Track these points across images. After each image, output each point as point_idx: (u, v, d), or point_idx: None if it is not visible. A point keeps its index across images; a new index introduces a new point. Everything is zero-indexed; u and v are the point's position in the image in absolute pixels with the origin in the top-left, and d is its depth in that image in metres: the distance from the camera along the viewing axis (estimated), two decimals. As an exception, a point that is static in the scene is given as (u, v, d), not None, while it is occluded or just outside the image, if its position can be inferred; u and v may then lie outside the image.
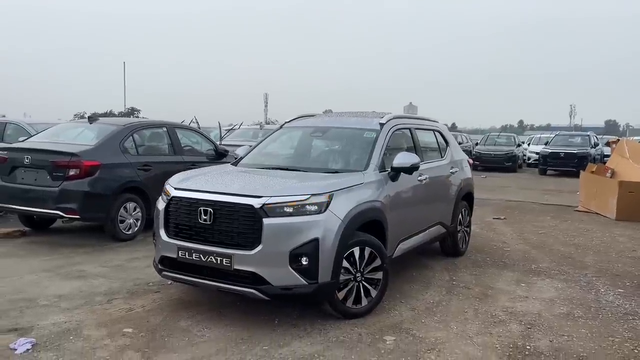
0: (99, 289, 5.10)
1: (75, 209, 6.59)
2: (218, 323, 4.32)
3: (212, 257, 4.16)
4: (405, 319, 4.50)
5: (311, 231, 4.05)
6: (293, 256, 4.02)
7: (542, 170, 20.92)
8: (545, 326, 4.43)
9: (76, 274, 5.57)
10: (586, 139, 21.64)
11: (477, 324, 4.45)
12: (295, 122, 6.08)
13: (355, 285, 4.42)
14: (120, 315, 4.44)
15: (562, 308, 4.90)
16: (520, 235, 8.38)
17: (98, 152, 6.85)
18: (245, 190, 4.23)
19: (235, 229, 4.13)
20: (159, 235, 4.54)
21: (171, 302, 4.82)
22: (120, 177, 7.00)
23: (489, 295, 5.23)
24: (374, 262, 4.52)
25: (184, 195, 4.41)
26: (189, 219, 4.33)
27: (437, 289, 5.38)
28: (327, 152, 5.55)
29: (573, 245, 7.74)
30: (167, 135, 8.02)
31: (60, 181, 6.62)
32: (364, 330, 4.22)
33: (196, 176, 4.78)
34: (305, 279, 4.05)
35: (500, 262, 6.57)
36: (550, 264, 6.54)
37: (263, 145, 5.84)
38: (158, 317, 4.43)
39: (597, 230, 9.01)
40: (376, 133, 5.27)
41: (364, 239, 4.46)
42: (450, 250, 6.65)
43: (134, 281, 5.38)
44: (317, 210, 4.13)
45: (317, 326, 4.28)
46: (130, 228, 7.14)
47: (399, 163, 4.96)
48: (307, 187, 4.25)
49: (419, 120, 6.23)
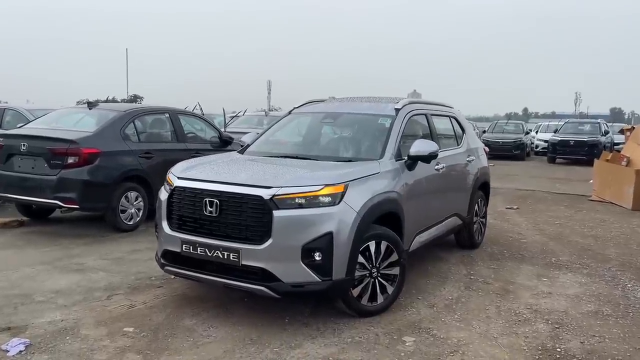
0: (99, 284, 4.83)
1: (74, 198, 6.30)
2: (225, 321, 4.05)
3: (218, 251, 3.88)
4: (424, 317, 4.22)
5: (325, 224, 3.76)
6: (305, 251, 3.74)
7: (551, 158, 20.51)
8: (574, 325, 4.14)
9: (75, 267, 5.31)
10: (596, 126, 21.18)
11: (501, 322, 4.17)
12: (305, 107, 5.75)
13: (371, 281, 4.14)
14: (120, 313, 4.17)
15: (590, 305, 4.61)
16: (535, 226, 8.08)
17: (98, 139, 6.55)
18: (254, 180, 3.93)
19: (243, 221, 3.83)
20: (161, 228, 4.26)
21: (175, 298, 4.55)
22: (121, 165, 6.70)
23: (510, 291, 4.94)
24: (390, 257, 4.23)
25: (188, 185, 4.12)
26: (194, 211, 4.04)
27: (454, 284, 5.09)
28: (339, 140, 5.23)
29: (592, 236, 7.44)
30: (169, 121, 7.70)
31: (58, 169, 6.32)
32: (381, 330, 3.94)
33: (201, 165, 4.49)
34: (318, 276, 3.76)
35: (518, 255, 6.28)
36: (571, 257, 6.25)
37: (271, 132, 5.53)
38: (161, 314, 4.16)
39: (615, 220, 8.70)
40: (391, 119, 4.95)
41: (380, 232, 4.17)
42: (466, 242, 6.36)
43: (135, 275, 5.12)
44: (331, 202, 3.83)
45: (330, 325, 4.01)
46: (131, 218, 6.86)
47: (416, 151, 4.65)
48: (320, 177, 3.95)
49: (434, 106, 5.89)
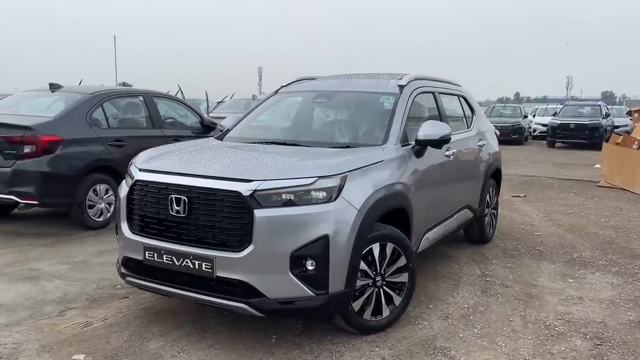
0: (52, 296, 4.09)
1: (32, 192, 5.53)
2: (199, 343, 3.33)
3: (188, 260, 3.14)
4: (438, 333, 3.52)
5: (319, 226, 3.03)
6: (295, 259, 3.02)
7: (551, 142, 19.86)
8: (617, 341, 3.46)
9: (28, 274, 4.55)
10: (597, 109, 20.49)
11: (531, 339, 3.48)
12: (293, 86, 4.97)
13: (375, 291, 3.44)
14: (72, 334, 3.44)
15: (630, 313, 3.93)
16: (547, 216, 7.41)
17: (59, 125, 5.76)
18: (231, 172, 3.18)
19: (217, 223, 3.10)
20: (121, 230, 3.51)
21: (141, 312, 3.82)
22: (88, 154, 5.92)
23: (533, 296, 4.26)
24: (397, 262, 3.52)
25: (151, 178, 3.37)
26: (157, 210, 3.29)
27: (469, 288, 4.40)
28: (335, 123, 4.48)
29: (611, 227, 6.78)
30: (144, 105, 6.90)
31: (12, 160, 5.54)
32: (388, 352, 3.24)
33: (168, 153, 3.72)
34: (311, 289, 3.04)
35: (536, 251, 5.59)
36: (594, 252, 5.57)
37: (254, 115, 4.76)
38: (121, 335, 3.44)
39: (631, 209, 8.05)
40: (395, 97, 4.22)
41: (386, 232, 3.45)
42: (477, 237, 5.67)
43: (97, 283, 4.38)
44: (325, 197, 3.10)
45: (326, 346, 3.31)
46: (101, 214, 6.10)
47: (425, 135, 3.93)
48: (312, 167, 3.21)
49: (442, 83, 5.14)
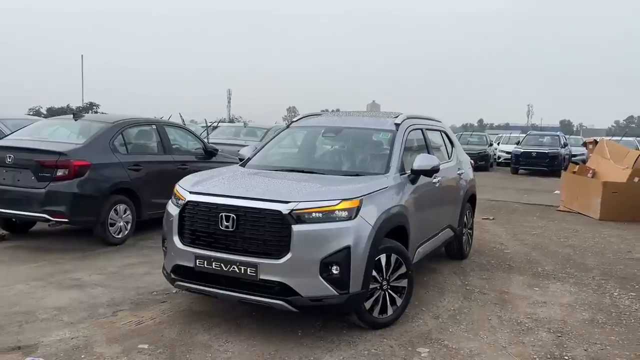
0: (100, 300, 4.74)
1: (63, 211, 6.15)
2: (238, 336, 4.04)
3: (235, 266, 3.88)
4: (432, 329, 4.32)
5: (343, 238, 3.83)
6: (324, 265, 3.79)
7: (514, 169, 21.21)
8: (574, 334, 4.33)
9: (71, 283, 5.18)
10: (556, 138, 22.04)
11: (506, 332, 4.31)
12: (303, 121, 5.81)
13: (382, 294, 4.23)
14: (130, 329, 4.11)
15: (584, 314, 4.82)
16: (514, 236, 8.36)
17: (88, 151, 6.42)
18: (270, 195, 3.96)
19: (261, 236, 3.86)
20: (171, 242, 4.22)
21: (181, 313, 4.51)
22: (111, 177, 6.59)
23: (506, 301, 5.11)
24: (399, 270, 4.33)
25: (202, 199, 4.11)
26: (208, 226, 4.03)
27: (453, 295, 5.23)
28: (343, 154, 5.30)
29: (569, 246, 7.75)
30: (156, 133, 7.62)
31: (47, 182, 6.16)
32: (394, 342, 4.02)
33: (210, 179, 4.48)
34: (336, 289, 3.82)
35: (506, 265, 6.49)
36: (555, 267, 6.50)
37: (271, 146, 5.57)
38: (172, 330, 4.12)
39: (586, 230, 9.08)
40: (392, 134, 5.08)
41: (391, 245, 4.27)
42: (456, 253, 6.53)
43: (136, 290, 5.03)
44: (347, 216, 3.91)
45: (344, 338, 4.06)
46: (120, 231, 6.73)
47: (419, 165, 4.78)
48: (337, 192, 4.02)
49: (427, 121, 6.06)
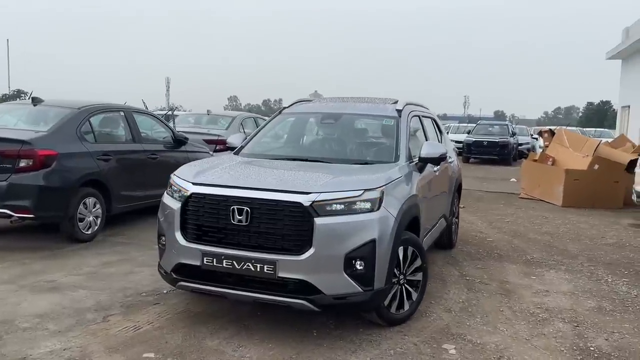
0: (85, 304, 4.27)
1: (28, 206, 5.54)
2: (250, 339, 3.72)
3: (250, 264, 3.55)
4: (449, 323, 4.15)
5: (367, 232, 3.57)
6: (348, 260, 3.52)
7: (466, 158, 21.58)
8: (589, 323, 4.27)
9: (46, 286, 4.66)
10: (505, 128, 22.63)
11: (523, 324, 4.20)
12: (295, 107, 5.47)
13: (399, 288, 4.01)
14: (128, 336, 3.70)
15: (590, 302, 4.80)
16: (490, 224, 8.37)
17: (53, 139, 5.81)
18: (288, 186, 3.64)
19: (279, 230, 3.54)
20: (173, 239, 3.82)
21: (180, 315, 4.12)
22: (80, 168, 6.01)
23: (510, 291, 5.03)
24: (414, 262, 4.12)
25: (209, 191, 3.73)
26: (218, 220, 3.66)
27: (456, 286, 5.10)
28: (346, 142, 5.01)
29: (546, 233, 7.83)
30: (124, 120, 7.04)
31: (8, 174, 5.53)
32: (417, 339, 3.82)
33: (212, 168, 4.09)
34: (360, 286, 3.56)
35: (495, 254, 6.44)
36: (542, 254, 6.51)
37: (264, 133, 5.20)
38: (176, 335, 3.74)
39: (555, 217, 9.25)
40: (395, 120, 4.85)
41: (408, 237, 4.05)
42: (445, 242, 6.41)
43: (122, 292, 4.58)
44: (370, 207, 3.64)
45: (363, 337, 3.82)
46: (89, 227, 6.17)
47: (427, 153, 4.58)
48: (358, 182, 3.74)
49: (422, 108, 5.87)
